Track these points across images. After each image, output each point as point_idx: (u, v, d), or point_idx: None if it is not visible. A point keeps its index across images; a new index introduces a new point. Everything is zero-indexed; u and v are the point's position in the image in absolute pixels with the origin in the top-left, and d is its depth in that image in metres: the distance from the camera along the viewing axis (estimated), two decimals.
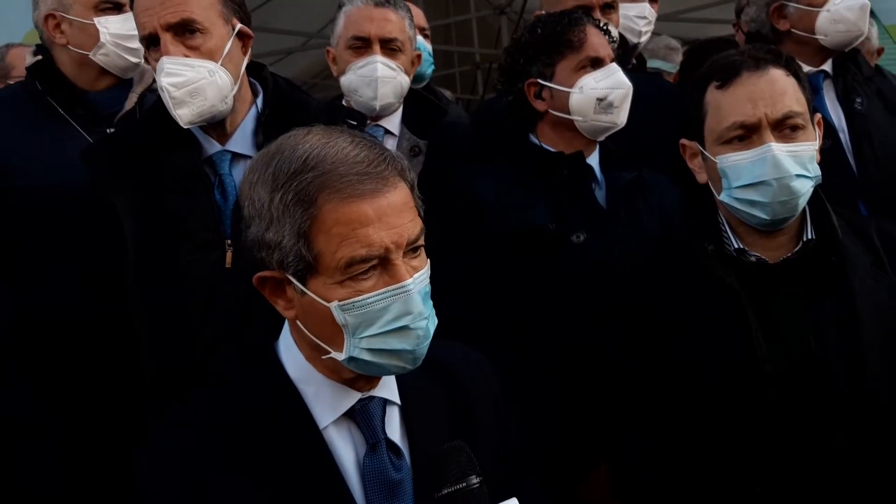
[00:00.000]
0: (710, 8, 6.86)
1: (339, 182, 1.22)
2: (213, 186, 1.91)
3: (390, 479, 1.34)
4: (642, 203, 2.32)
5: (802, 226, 1.85)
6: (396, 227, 1.24)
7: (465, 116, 3.40)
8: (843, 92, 2.61)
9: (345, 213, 1.22)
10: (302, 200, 1.23)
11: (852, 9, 2.50)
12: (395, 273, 1.25)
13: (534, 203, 2.24)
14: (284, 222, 1.24)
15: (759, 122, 1.76)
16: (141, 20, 1.86)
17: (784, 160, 1.74)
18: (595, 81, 2.25)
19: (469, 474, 1.27)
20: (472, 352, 1.60)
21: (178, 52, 1.83)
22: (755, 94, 1.77)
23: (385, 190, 1.24)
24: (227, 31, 1.89)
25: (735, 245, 1.83)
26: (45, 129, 2.33)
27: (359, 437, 1.36)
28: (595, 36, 2.30)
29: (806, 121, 1.78)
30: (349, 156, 1.24)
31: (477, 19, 9.04)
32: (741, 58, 1.81)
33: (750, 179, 1.77)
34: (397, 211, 1.25)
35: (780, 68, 1.79)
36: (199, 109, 1.85)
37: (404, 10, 2.60)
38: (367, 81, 2.51)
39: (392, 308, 1.25)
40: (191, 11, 1.82)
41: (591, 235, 2.22)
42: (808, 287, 1.80)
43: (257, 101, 2.00)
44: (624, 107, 2.27)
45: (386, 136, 2.64)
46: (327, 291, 1.25)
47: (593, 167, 2.34)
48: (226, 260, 1.86)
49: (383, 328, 1.26)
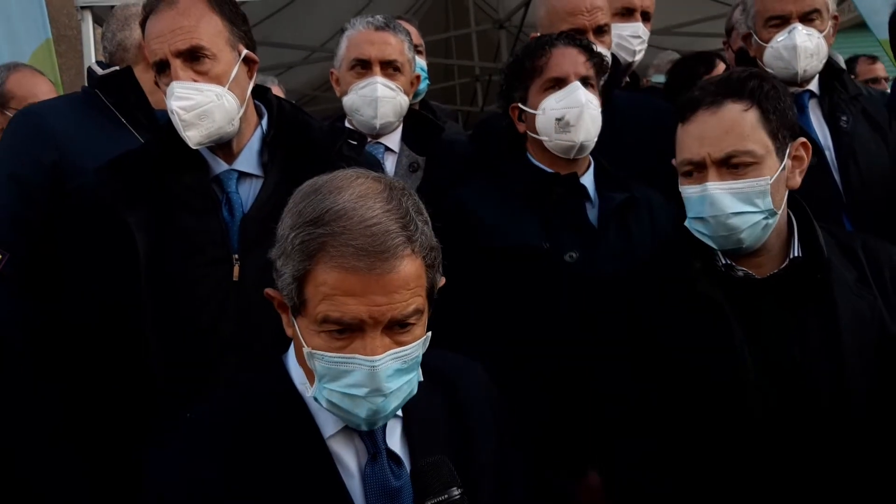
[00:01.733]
0: (705, 22, 6.90)
1: (338, 249, 1.25)
2: (221, 204, 1.97)
3: (391, 487, 1.38)
4: (634, 222, 2.35)
5: (790, 242, 1.89)
6: (380, 306, 1.26)
7: (463, 133, 3.45)
8: (829, 111, 2.65)
9: (333, 277, 1.26)
10: (304, 251, 1.28)
11: (787, 48, 2.55)
12: (365, 345, 1.28)
13: (527, 222, 2.27)
14: (289, 261, 1.30)
15: (703, 161, 1.81)
16: (152, 47, 1.92)
17: (721, 199, 1.79)
18: (556, 101, 2.28)
19: (450, 486, 1.30)
20: (469, 361, 1.64)
21: (188, 77, 1.89)
22: (704, 132, 1.82)
23: (380, 270, 1.25)
24: (234, 57, 1.96)
25: (723, 261, 1.88)
26: (112, 137, 2.37)
27: (361, 447, 1.41)
28: (560, 56, 2.31)
29: (759, 156, 1.80)
30: (365, 224, 1.26)
31: (477, 33, 9.07)
32: (702, 94, 1.85)
33: (695, 213, 1.85)
34: (388, 290, 1.26)
35: (739, 102, 1.82)
36: (207, 131, 1.91)
37: (403, 34, 2.67)
38: (368, 101, 2.58)
39: (353, 374, 1.29)
40: (199, 38, 1.89)
41: (584, 254, 2.25)
42: (793, 301, 1.84)
43: (262, 123, 2.06)
44: (580, 125, 2.25)
45: (386, 154, 2.70)
46: (307, 335, 1.32)
47: (587, 186, 2.37)
48: (233, 274, 1.91)
49: (342, 389, 1.30)
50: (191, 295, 1.92)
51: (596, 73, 2.34)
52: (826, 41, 2.59)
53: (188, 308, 1.92)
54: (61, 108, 2.49)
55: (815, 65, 2.60)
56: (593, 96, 2.30)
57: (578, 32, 2.62)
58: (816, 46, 2.56)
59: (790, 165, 1.87)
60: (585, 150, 2.32)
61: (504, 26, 8.31)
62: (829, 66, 2.68)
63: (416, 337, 1.33)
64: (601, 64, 2.36)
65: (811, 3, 2.56)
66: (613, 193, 2.36)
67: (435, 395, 1.50)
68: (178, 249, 1.93)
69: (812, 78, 2.67)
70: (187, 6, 1.90)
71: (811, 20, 2.57)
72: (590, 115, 2.27)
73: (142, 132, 2.47)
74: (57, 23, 4.03)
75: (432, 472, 1.31)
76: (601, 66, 2.36)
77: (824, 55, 2.61)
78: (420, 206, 1.36)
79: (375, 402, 1.29)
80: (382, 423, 1.37)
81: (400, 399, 1.34)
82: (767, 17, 2.61)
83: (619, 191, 2.37)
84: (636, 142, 2.66)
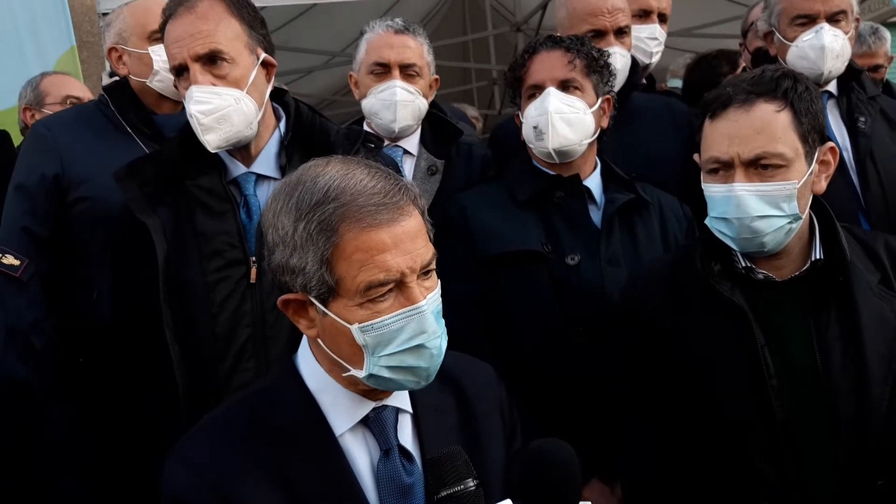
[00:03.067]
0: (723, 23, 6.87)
1: (358, 212, 1.29)
2: (239, 206, 1.98)
3: (403, 483, 1.39)
4: (640, 224, 2.33)
5: (811, 244, 1.87)
6: (411, 253, 1.31)
7: (475, 135, 3.45)
8: (847, 111, 2.64)
9: (364, 240, 1.29)
10: (325, 230, 1.29)
11: (813, 48, 2.53)
12: (410, 295, 1.32)
13: (529, 225, 2.27)
14: (308, 249, 1.31)
15: (731, 161, 1.78)
16: (171, 51, 1.94)
17: (747, 201, 1.76)
18: (533, 110, 2.28)
19: (465, 477, 1.30)
20: (479, 362, 1.66)
21: (206, 80, 1.91)
22: (734, 131, 1.77)
23: (400, 219, 1.31)
24: (252, 61, 1.97)
25: (742, 263, 1.86)
26: (114, 145, 2.51)
27: (373, 444, 1.42)
28: (538, 63, 2.30)
29: (788, 159, 1.76)
30: (367, 187, 1.31)
31: (494, 36, 9.10)
32: (734, 90, 1.81)
33: (718, 213, 1.82)
34: (412, 237, 1.31)
35: (772, 102, 1.78)
36: (225, 135, 1.93)
37: (423, 37, 2.68)
38: (387, 105, 2.59)
39: (408, 328, 1.32)
40: (218, 43, 1.91)
41: (586, 257, 2.23)
42: (815, 304, 1.82)
43: (280, 126, 2.07)
44: (550, 132, 2.22)
45: (405, 157, 2.71)
46: (348, 313, 1.32)
47: (591, 188, 2.35)
48: (251, 276, 1.93)
49: (400, 347, 1.32)
50: (208, 298, 1.94)
51: (585, 72, 2.28)
52: (849, 43, 2.58)
53: (205, 312, 1.94)
54: (69, 121, 2.64)
55: (839, 66, 2.59)
56: (574, 98, 2.25)
57: (599, 34, 2.63)
58: (842, 48, 2.55)
59: (817, 170, 1.84)
60: (566, 155, 2.27)
61: (521, 29, 8.33)
62: (848, 67, 2.66)
63: (436, 283, 1.39)
64: (593, 61, 2.30)
65: (838, 4, 2.54)
66: (617, 195, 2.34)
67: (444, 394, 1.52)
68: (195, 252, 1.95)
69: (833, 79, 2.66)
70: (206, 10, 1.92)
71: (837, 21, 2.56)
72: (562, 119, 2.22)
73: (145, 140, 2.56)
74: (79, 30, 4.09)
75: (448, 463, 1.31)
76: (593, 63, 2.30)
77: (847, 57, 2.60)
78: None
79: (434, 343, 1.34)
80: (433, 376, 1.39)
81: (446, 342, 1.38)
82: (794, 15, 2.59)
83: (624, 192, 2.35)
84: (654, 142, 2.66)
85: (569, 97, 2.25)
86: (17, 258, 1.97)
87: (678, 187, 2.47)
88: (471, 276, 2.26)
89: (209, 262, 1.95)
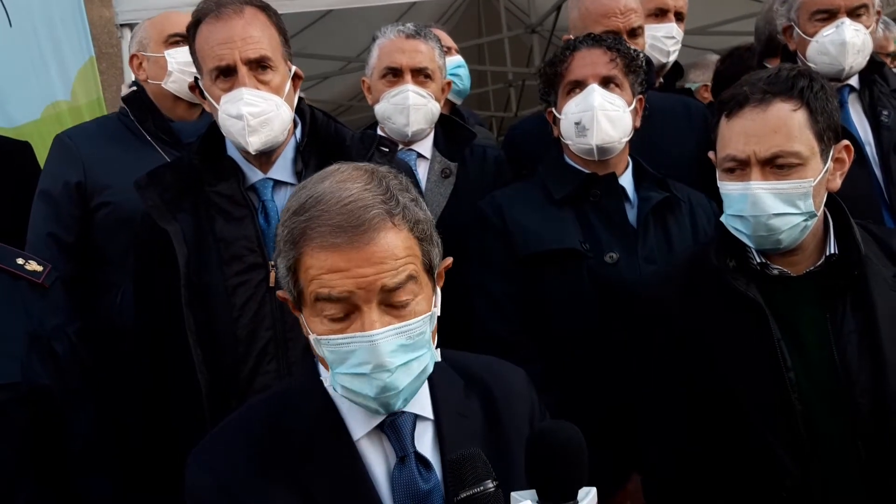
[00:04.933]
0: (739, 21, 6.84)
1: (316, 231, 1.28)
2: (257, 212, 2.02)
3: (419, 491, 1.37)
4: (673, 222, 2.34)
5: (825, 240, 1.87)
6: (367, 276, 1.26)
7: (493, 138, 3.46)
8: (870, 105, 2.61)
9: (317, 258, 1.28)
10: (291, 240, 1.31)
11: (834, 43, 2.52)
12: (363, 322, 1.28)
13: (566, 224, 2.28)
14: (282, 255, 1.34)
15: (747, 159, 1.79)
16: (217, 52, 1.96)
17: (763, 199, 1.77)
18: (574, 106, 2.29)
19: (485, 479, 1.28)
20: (511, 366, 1.63)
21: (253, 84, 1.96)
22: (750, 130, 1.78)
23: (360, 242, 1.26)
24: (287, 71, 2.03)
25: (758, 259, 1.87)
26: (135, 153, 2.62)
27: (389, 450, 1.40)
28: (580, 59, 2.31)
29: (804, 158, 1.77)
30: (340, 202, 1.28)
31: (509, 38, 9.10)
32: (750, 89, 1.81)
33: (734, 211, 1.83)
34: (373, 262, 1.27)
35: (788, 102, 1.78)
36: (265, 138, 1.98)
37: (434, 41, 2.70)
38: (400, 109, 2.61)
39: (357, 353, 1.29)
40: (266, 49, 1.97)
41: (624, 255, 2.25)
42: (830, 298, 1.83)
43: (296, 132, 2.11)
44: (594, 128, 2.24)
45: (418, 160, 2.73)
46: (311, 324, 1.34)
47: (625, 187, 2.36)
48: (269, 280, 1.96)
49: (350, 370, 1.31)
50: (229, 302, 1.97)
51: (625, 71, 2.32)
52: (871, 37, 2.56)
53: (226, 315, 1.97)
54: (91, 132, 2.76)
55: (860, 61, 2.57)
56: (616, 96, 2.28)
57: (613, 34, 2.62)
58: (863, 42, 2.53)
59: (832, 168, 1.84)
60: (607, 152, 2.30)
61: (536, 31, 8.33)
62: (870, 60, 2.64)
63: (418, 313, 1.33)
64: (632, 61, 2.34)
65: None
66: (651, 193, 2.35)
67: (471, 399, 1.50)
68: (216, 257, 1.98)
69: (855, 74, 2.63)
70: (252, 17, 1.97)
71: (858, 15, 2.54)
72: (605, 116, 2.25)
73: (164, 147, 2.66)
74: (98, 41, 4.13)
75: (467, 465, 1.29)
76: (632, 63, 2.34)
77: (869, 51, 2.58)
78: (407, 186, 1.37)
79: (381, 378, 1.29)
80: (401, 404, 1.36)
81: (411, 377, 1.32)
82: (814, 10, 2.57)
83: (657, 191, 2.36)
84: (672, 141, 2.67)
85: (611, 94, 2.28)
86: (40, 264, 1.99)
87: (694, 186, 2.47)
88: (510, 275, 2.28)
89: (229, 266, 1.98)
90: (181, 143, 2.66)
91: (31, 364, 1.89)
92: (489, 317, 2.28)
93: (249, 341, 1.96)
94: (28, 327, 1.91)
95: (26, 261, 1.97)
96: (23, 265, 1.96)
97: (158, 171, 2.08)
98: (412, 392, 1.36)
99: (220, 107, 1.98)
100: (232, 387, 1.96)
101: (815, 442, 1.78)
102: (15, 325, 1.90)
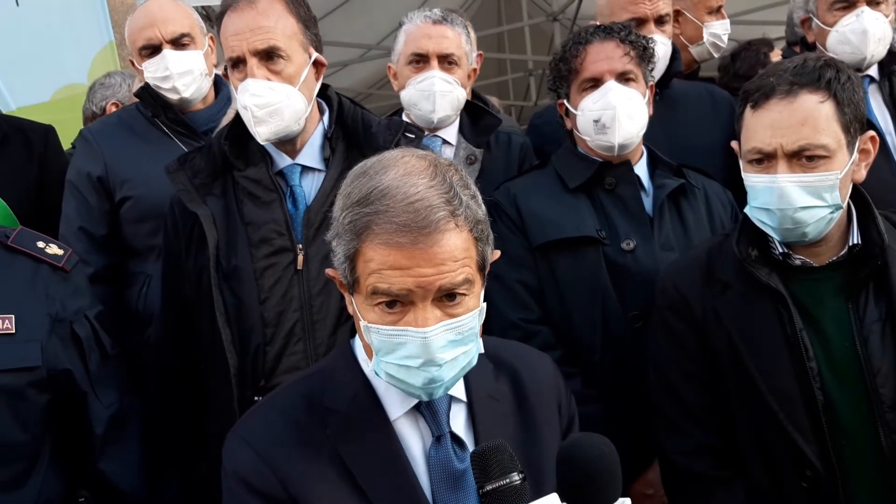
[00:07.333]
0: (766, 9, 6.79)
1: (381, 227, 1.29)
2: (286, 196, 2.04)
3: (454, 469, 1.40)
4: (689, 210, 2.33)
5: (848, 230, 1.87)
6: (427, 276, 1.28)
7: (517, 125, 3.46)
8: (890, 94, 2.60)
9: (380, 253, 1.29)
10: (353, 230, 1.32)
11: (855, 32, 2.51)
12: (416, 317, 1.30)
13: (582, 212, 2.28)
14: (341, 241, 1.35)
15: (774, 152, 1.77)
16: (230, 43, 1.99)
17: (790, 191, 1.76)
18: (592, 103, 2.25)
19: (510, 471, 1.28)
20: (537, 352, 1.66)
21: (262, 75, 1.97)
22: (777, 122, 1.77)
23: (424, 244, 1.27)
24: (305, 59, 2.04)
25: (780, 249, 1.87)
26: (155, 145, 2.68)
27: (426, 430, 1.43)
28: (595, 54, 2.26)
29: (831, 150, 1.75)
30: (406, 199, 1.28)
31: (529, 27, 9.07)
32: (777, 80, 1.79)
33: (760, 203, 1.82)
34: (435, 263, 1.28)
35: (815, 93, 1.76)
36: (275, 128, 1.99)
37: (461, 27, 2.70)
38: (426, 95, 2.62)
39: (407, 346, 1.31)
40: (276, 40, 1.97)
41: (641, 242, 2.24)
42: (853, 288, 1.82)
43: (324, 119, 2.13)
44: (615, 127, 2.22)
45: (443, 146, 2.74)
46: (363, 310, 1.36)
47: (640, 175, 2.35)
48: (297, 263, 1.99)
49: (398, 361, 1.33)
50: (257, 285, 2.00)
51: (639, 62, 2.28)
52: (890, 26, 2.55)
53: (255, 297, 2.00)
54: (111, 125, 2.83)
55: (881, 50, 2.56)
56: (633, 91, 2.25)
57: (639, 22, 2.63)
58: (883, 31, 2.52)
59: (857, 159, 1.83)
60: (627, 148, 2.28)
61: (557, 19, 8.28)
62: (889, 50, 2.63)
63: (469, 309, 1.34)
64: (645, 51, 2.31)
65: None
66: (666, 181, 2.34)
67: (501, 383, 1.52)
68: (244, 240, 2.01)
69: (875, 63, 2.63)
70: (267, 6, 1.98)
71: (877, 3, 2.53)
72: (626, 114, 2.22)
73: (181, 138, 2.72)
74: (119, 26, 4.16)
75: (492, 457, 1.29)
76: (644, 52, 2.30)
77: (889, 40, 2.57)
78: (467, 181, 1.38)
79: (430, 371, 1.32)
80: (442, 393, 1.39)
81: (457, 369, 1.35)
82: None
83: (671, 178, 2.35)
84: (696, 129, 2.66)
85: (629, 90, 2.25)
86: (61, 248, 2.00)
87: (719, 174, 2.47)
88: (526, 263, 2.29)
89: (258, 249, 2.01)
90: (197, 133, 2.72)
91: (52, 348, 1.90)
92: (506, 305, 2.29)
93: (277, 323, 1.99)
94: (49, 311, 1.91)
95: (47, 244, 1.98)
96: (44, 248, 1.97)
97: (188, 155, 2.11)
98: (455, 382, 1.40)
99: (237, 97, 2.02)
100: (259, 367, 1.99)
101: (837, 432, 1.78)
102: (36, 308, 1.90)
